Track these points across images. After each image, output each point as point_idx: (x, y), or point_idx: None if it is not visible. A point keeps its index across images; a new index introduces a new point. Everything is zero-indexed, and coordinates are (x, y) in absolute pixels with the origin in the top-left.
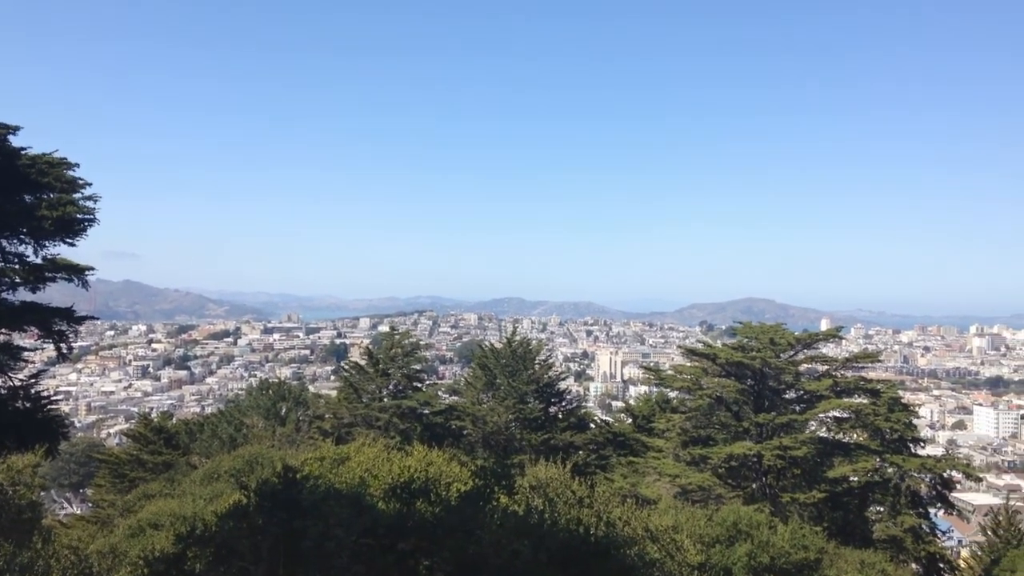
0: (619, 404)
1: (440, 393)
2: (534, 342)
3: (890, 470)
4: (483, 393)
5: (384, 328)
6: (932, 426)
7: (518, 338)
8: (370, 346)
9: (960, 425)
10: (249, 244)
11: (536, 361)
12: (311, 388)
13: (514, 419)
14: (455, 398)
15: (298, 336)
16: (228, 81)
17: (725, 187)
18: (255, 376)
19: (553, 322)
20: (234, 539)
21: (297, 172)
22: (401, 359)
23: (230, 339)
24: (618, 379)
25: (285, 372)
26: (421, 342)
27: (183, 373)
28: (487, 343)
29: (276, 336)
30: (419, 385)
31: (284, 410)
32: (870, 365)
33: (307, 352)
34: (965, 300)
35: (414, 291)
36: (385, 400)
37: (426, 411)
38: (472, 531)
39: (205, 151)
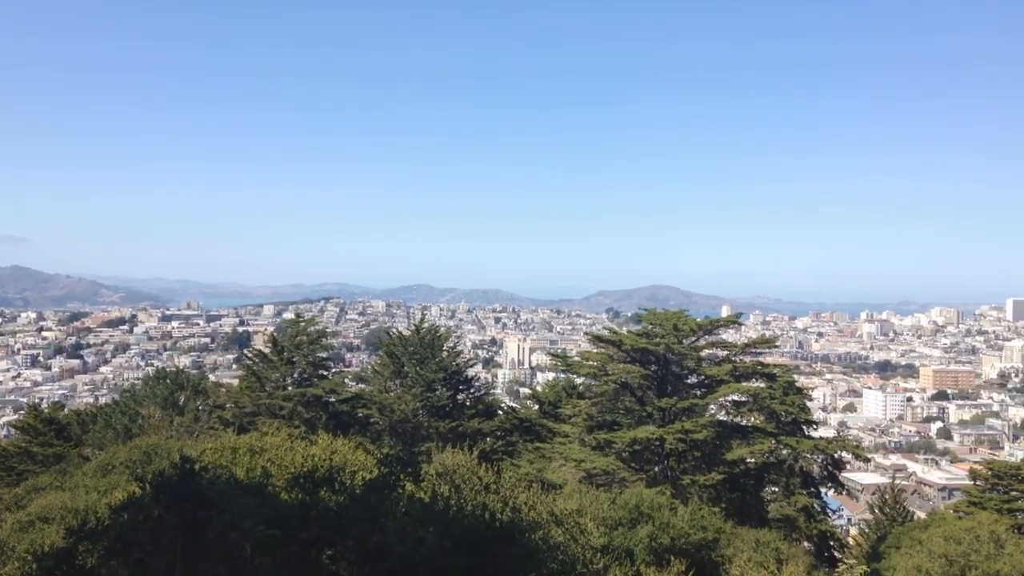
0: (527, 390)
1: (347, 381)
2: (442, 329)
3: (785, 452)
4: (390, 381)
5: (289, 315)
6: (824, 409)
7: (426, 325)
8: (274, 333)
9: (851, 408)
10: (146, 229)
11: (444, 348)
12: (212, 377)
13: (422, 407)
14: (362, 386)
15: (198, 324)
16: (117, 71)
17: (633, 175)
18: (152, 365)
19: (462, 309)
20: (130, 532)
21: (199, 156)
22: (307, 347)
23: (126, 327)
24: (526, 366)
25: (184, 361)
26: (328, 329)
27: (75, 362)
28: (395, 330)
29: (175, 324)
30: (325, 373)
31: (182, 400)
32: (767, 350)
33: (208, 340)
34: (857, 288)
35: (321, 278)
36: (289, 388)
37: (332, 399)
38: (376, 519)
39: (96, 134)
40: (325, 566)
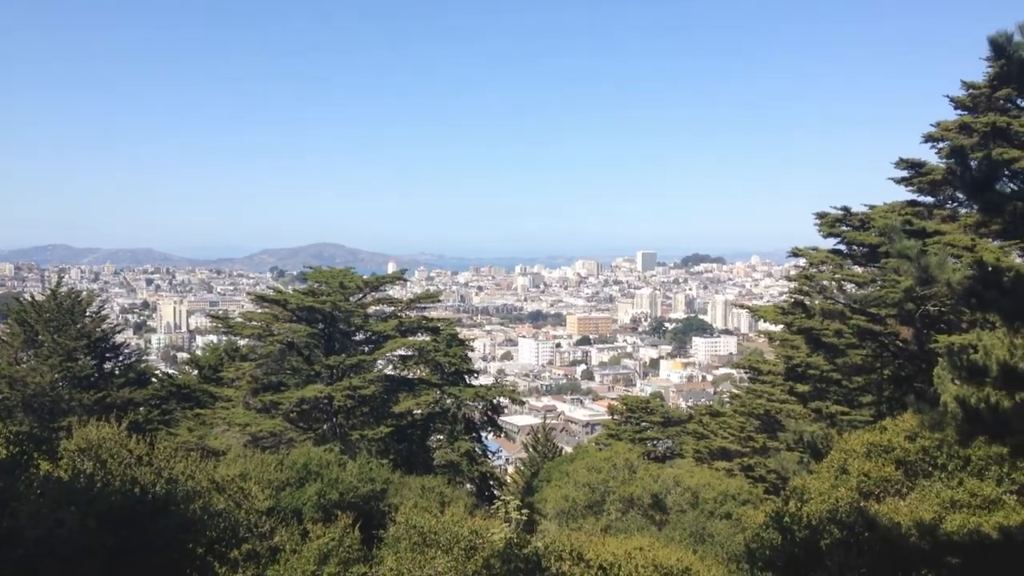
0: (185, 355)
1: None
2: (84, 293)
3: (449, 401)
4: (22, 352)
5: None
6: (485, 358)
7: (64, 289)
8: None
9: (508, 356)
10: None
11: (87, 314)
12: None
13: (61, 378)
14: None
15: None
16: None
17: (295, 129)
18: None
19: (108, 271)
20: None
21: None
22: None
23: None
24: (184, 329)
25: None
26: None
27: None
28: (26, 296)
29: None
30: None
31: None
32: (431, 305)
33: None
34: (511, 243)
35: None
36: None
37: None
38: (6, 503)
39: None
40: None
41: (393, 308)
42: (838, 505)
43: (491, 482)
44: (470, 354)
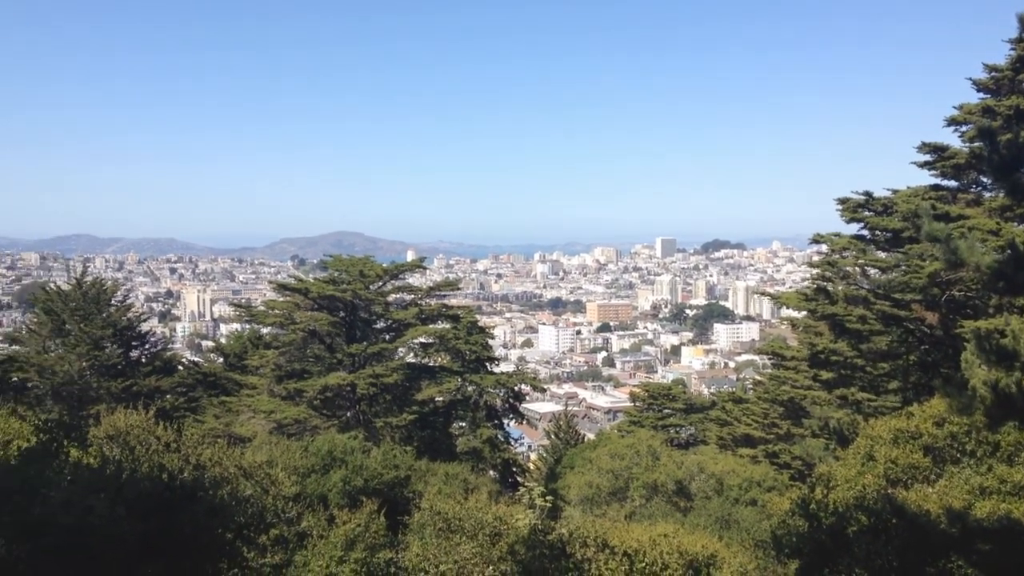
0: (209, 343)
1: None
2: (109, 282)
3: (470, 388)
4: (50, 340)
5: None
6: (505, 345)
7: (90, 278)
8: None
9: (528, 343)
10: None
11: (112, 303)
12: None
13: (88, 366)
14: (16, 347)
15: None
16: None
17: (315, 120)
18: None
19: (131, 260)
20: None
21: None
22: None
23: None
24: (208, 318)
25: None
26: None
27: None
28: (53, 285)
29: None
30: None
31: None
32: (451, 292)
33: None
34: (530, 230)
35: None
36: None
37: None
38: (37, 490)
39: None
40: None
41: (413, 296)
42: (865, 492)
43: (514, 469)
44: (490, 342)
